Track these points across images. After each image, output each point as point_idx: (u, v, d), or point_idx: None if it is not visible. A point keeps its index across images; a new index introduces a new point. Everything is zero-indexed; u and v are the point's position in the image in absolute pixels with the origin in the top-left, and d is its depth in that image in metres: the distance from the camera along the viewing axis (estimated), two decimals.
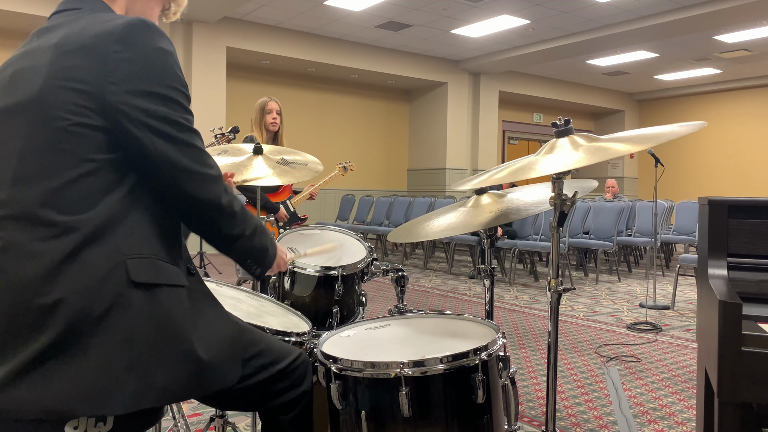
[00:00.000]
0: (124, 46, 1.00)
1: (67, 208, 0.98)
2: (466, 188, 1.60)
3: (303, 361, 1.31)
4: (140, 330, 0.99)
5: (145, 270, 1.01)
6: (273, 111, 3.57)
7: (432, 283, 6.58)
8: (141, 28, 1.03)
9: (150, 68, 1.02)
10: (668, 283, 6.74)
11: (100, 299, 0.96)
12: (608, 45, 9.54)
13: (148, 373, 0.98)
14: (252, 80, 10.21)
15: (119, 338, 0.97)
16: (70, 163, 0.99)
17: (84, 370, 0.94)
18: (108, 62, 0.99)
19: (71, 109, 0.99)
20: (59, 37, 1.04)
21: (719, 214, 1.52)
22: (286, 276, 1.91)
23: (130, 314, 0.98)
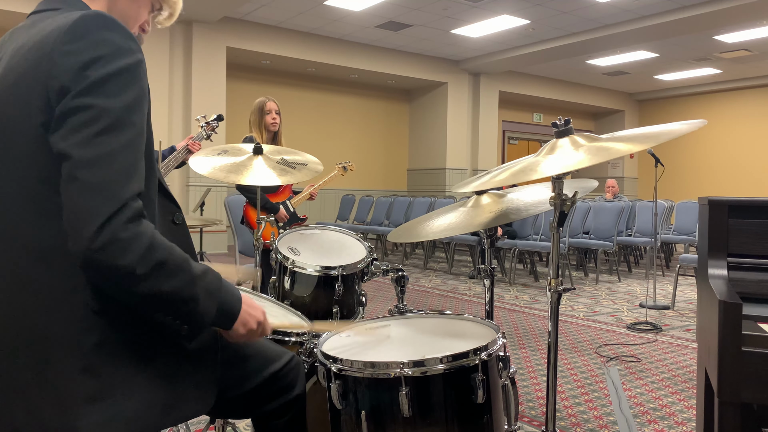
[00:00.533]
0: (70, 38, 0.92)
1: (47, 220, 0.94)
2: (466, 190, 1.60)
3: (295, 365, 1.29)
4: (106, 358, 0.95)
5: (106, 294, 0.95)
6: (272, 111, 3.56)
7: (432, 283, 6.58)
8: (91, 20, 0.94)
9: (91, 59, 0.91)
10: (668, 283, 6.74)
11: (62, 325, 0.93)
12: (608, 45, 9.54)
13: (114, 404, 0.94)
14: (252, 80, 10.22)
15: (80, 367, 0.93)
16: (35, 173, 0.93)
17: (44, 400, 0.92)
18: (54, 56, 0.92)
19: (30, 109, 0.93)
20: (26, 37, 0.99)
21: (719, 214, 1.52)
22: (286, 276, 1.91)
23: (94, 341, 0.94)
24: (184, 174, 8.48)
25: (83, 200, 0.86)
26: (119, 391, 0.95)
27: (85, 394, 0.92)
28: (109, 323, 0.96)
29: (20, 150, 0.95)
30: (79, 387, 0.92)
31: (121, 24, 0.97)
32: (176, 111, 8.57)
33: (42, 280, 0.94)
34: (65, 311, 0.94)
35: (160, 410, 0.99)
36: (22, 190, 0.95)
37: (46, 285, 0.94)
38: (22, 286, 0.94)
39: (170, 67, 8.48)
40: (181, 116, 8.61)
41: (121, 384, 0.95)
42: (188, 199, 8.51)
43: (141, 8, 1.16)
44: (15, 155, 0.95)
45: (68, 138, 0.89)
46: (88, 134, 0.89)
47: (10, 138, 0.95)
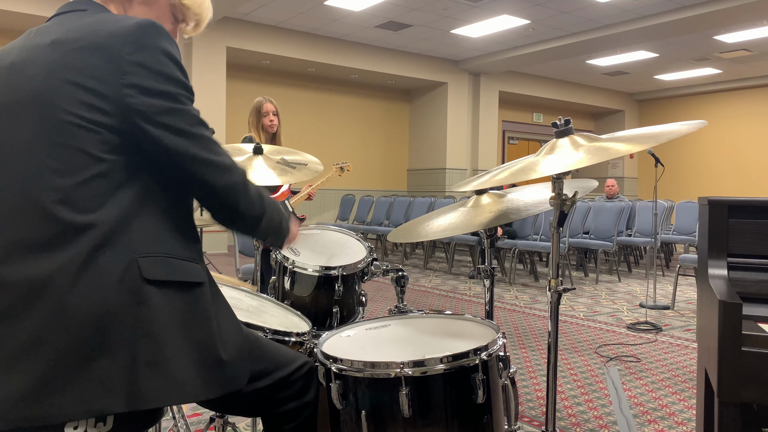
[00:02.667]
0: (136, 48, 1.01)
1: (82, 207, 0.98)
2: (466, 189, 1.60)
3: (307, 371, 1.30)
4: (158, 326, 0.99)
5: (157, 267, 1.02)
6: (269, 113, 3.54)
7: (432, 283, 6.58)
8: (151, 29, 1.04)
9: (161, 70, 1.03)
10: (668, 283, 6.74)
11: (115, 298, 0.97)
12: (608, 45, 9.54)
13: (169, 369, 0.99)
14: (252, 80, 10.22)
15: (137, 334, 0.97)
16: (83, 162, 0.99)
17: (107, 369, 0.95)
18: (121, 64, 1.00)
19: (81, 106, 0.99)
20: (60, 33, 1.03)
21: (719, 214, 1.52)
22: (286, 276, 1.91)
23: (146, 310, 0.99)
24: None
25: (228, 177, 1.11)
26: (173, 357, 1.00)
27: (146, 359, 0.97)
28: (162, 294, 1.01)
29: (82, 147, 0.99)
30: (140, 352, 0.97)
31: (167, 31, 1.07)
32: None
33: (100, 258, 0.98)
34: (125, 282, 0.98)
35: (206, 378, 1.04)
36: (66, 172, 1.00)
37: (104, 261, 0.98)
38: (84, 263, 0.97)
39: None
40: None
41: (174, 352, 1.00)
42: None
43: (160, 19, 1.21)
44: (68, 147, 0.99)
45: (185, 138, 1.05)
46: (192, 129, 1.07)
47: (44, 123, 1.00)
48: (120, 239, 1.00)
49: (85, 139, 0.99)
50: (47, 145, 0.99)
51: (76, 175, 0.99)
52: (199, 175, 1.07)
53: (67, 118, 0.99)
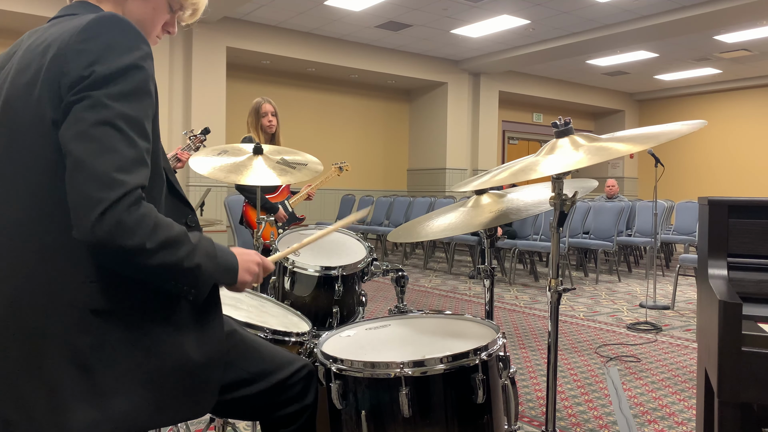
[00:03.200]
0: (84, 37, 0.96)
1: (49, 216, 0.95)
2: (466, 189, 1.60)
3: (307, 374, 1.28)
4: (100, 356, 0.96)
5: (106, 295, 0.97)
6: (268, 113, 3.54)
7: (432, 283, 6.58)
8: (107, 21, 0.98)
9: (99, 55, 0.95)
10: (668, 283, 6.74)
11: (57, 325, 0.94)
12: (608, 45, 9.54)
13: (105, 401, 0.95)
14: (252, 80, 10.21)
15: (74, 363, 0.94)
16: (39, 166, 0.96)
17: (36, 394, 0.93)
18: (67, 53, 0.95)
19: (44, 106, 0.96)
20: (44, 38, 1.02)
21: (719, 214, 1.52)
22: (286, 276, 1.91)
23: (89, 339, 0.95)
24: (184, 174, 8.48)
25: (87, 188, 0.89)
26: (110, 390, 0.96)
27: (77, 392, 0.93)
28: (106, 323, 0.97)
29: (30, 146, 0.97)
30: (71, 384, 0.93)
31: (133, 25, 1.00)
32: (176, 111, 8.57)
33: (42, 277, 0.95)
34: (63, 309, 0.95)
35: (151, 411, 0.99)
36: (28, 186, 0.97)
37: (45, 281, 0.95)
38: (22, 281, 0.95)
39: (170, 67, 8.48)
40: (181, 117, 8.61)
41: (113, 383, 0.96)
42: (188, 199, 8.51)
43: (156, 10, 1.16)
44: (25, 151, 0.97)
45: (71, 128, 0.92)
46: (90, 125, 0.92)
47: (22, 134, 0.97)
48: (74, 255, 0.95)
49: (52, 137, 0.96)
50: (10, 151, 0.98)
51: (35, 184, 0.96)
52: (70, 180, 0.91)
53: (26, 119, 0.97)
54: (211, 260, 1.04)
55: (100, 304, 0.96)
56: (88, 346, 0.95)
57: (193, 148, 3.07)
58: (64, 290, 0.95)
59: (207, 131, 3.15)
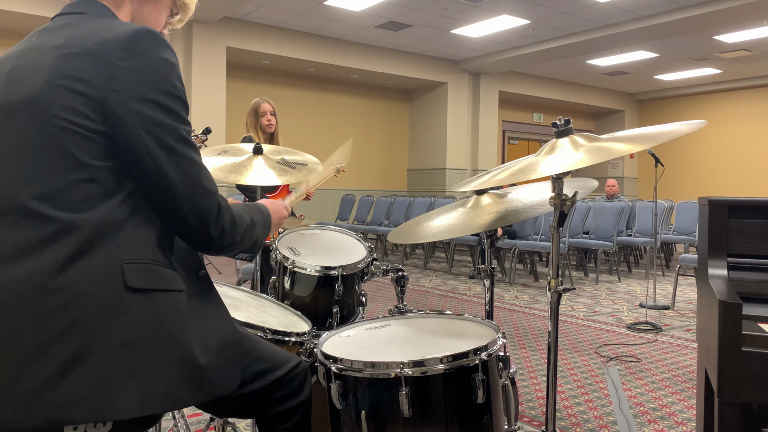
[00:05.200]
0: (128, 54, 1.00)
1: (66, 207, 0.97)
2: (466, 189, 1.60)
3: (302, 370, 1.30)
4: (138, 335, 0.98)
5: (141, 275, 1.01)
6: (267, 113, 3.55)
7: (432, 283, 6.58)
8: (146, 37, 1.03)
9: (151, 77, 1.02)
10: (668, 283, 6.74)
11: (97, 304, 0.96)
12: (608, 45, 9.54)
13: (149, 378, 0.98)
14: (252, 80, 10.22)
15: (118, 343, 0.96)
16: (69, 166, 0.98)
17: (83, 376, 0.93)
18: (111, 69, 0.99)
19: (71, 111, 0.98)
20: (63, 38, 1.03)
21: (719, 214, 1.52)
22: (286, 276, 1.91)
23: (127, 319, 0.97)
24: None
25: (202, 201, 1.07)
26: (153, 367, 0.98)
27: (123, 370, 0.96)
28: (143, 302, 1.00)
29: (67, 152, 0.99)
30: (120, 363, 0.96)
31: (165, 40, 1.08)
32: None
33: (84, 261, 0.97)
34: (105, 290, 0.97)
35: (190, 386, 1.03)
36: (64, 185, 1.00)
37: (86, 264, 0.97)
38: (65, 265, 0.96)
39: None
40: None
41: (155, 361, 0.99)
42: None
43: (161, 14, 1.25)
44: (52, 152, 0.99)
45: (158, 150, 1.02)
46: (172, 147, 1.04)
47: (58, 139, 0.99)
48: (104, 244, 0.98)
49: (73, 144, 0.98)
50: (34, 149, 0.99)
51: (62, 178, 0.98)
52: (171, 195, 1.05)
53: (56, 122, 0.98)
54: (264, 230, 1.27)
55: (136, 283, 1.00)
56: (130, 324, 0.98)
57: None
58: (106, 272, 0.98)
59: (208, 131, 3.15)
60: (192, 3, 1.30)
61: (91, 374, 0.94)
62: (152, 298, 1.01)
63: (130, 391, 0.96)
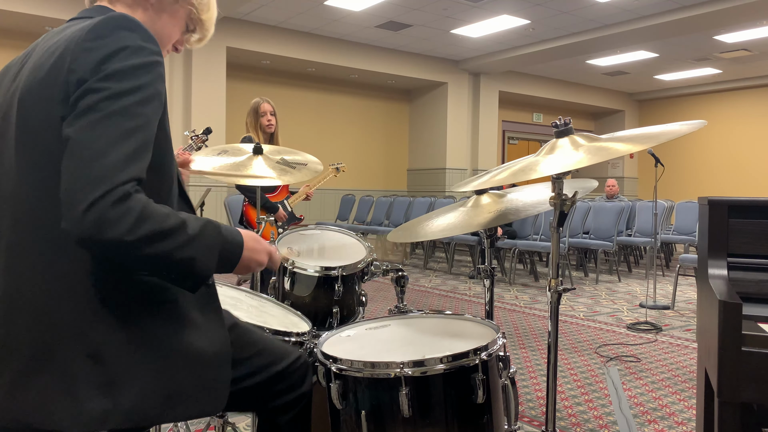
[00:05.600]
0: (92, 36, 0.97)
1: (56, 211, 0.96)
2: (466, 189, 1.60)
3: (303, 363, 1.30)
4: (113, 346, 0.96)
5: (121, 284, 0.99)
6: (267, 113, 3.55)
7: (432, 283, 6.58)
8: (115, 20, 0.99)
9: (107, 54, 0.95)
10: (668, 283, 6.74)
11: (71, 314, 0.95)
12: (608, 45, 9.54)
13: (116, 392, 0.96)
14: (252, 80, 10.21)
15: (86, 353, 0.95)
16: (51, 161, 0.97)
17: (51, 385, 0.93)
18: (75, 50, 0.96)
19: (54, 103, 0.97)
20: (56, 39, 1.04)
21: (719, 214, 1.52)
22: (286, 276, 1.91)
23: (103, 329, 0.96)
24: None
25: (76, 182, 0.89)
26: (122, 381, 0.96)
27: (89, 381, 0.94)
28: (118, 313, 0.98)
29: (43, 142, 0.98)
30: (84, 373, 0.94)
31: (143, 26, 1.01)
32: (176, 111, 8.58)
33: (54, 267, 0.96)
34: (75, 299, 0.96)
35: (161, 403, 1.00)
36: (41, 180, 0.98)
37: (58, 272, 0.96)
38: (36, 272, 0.96)
39: (170, 67, 8.48)
40: (181, 117, 8.61)
41: (125, 375, 0.97)
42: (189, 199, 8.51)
43: (176, 27, 1.21)
44: (38, 147, 0.98)
45: (74, 122, 0.92)
46: (92, 119, 0.92)
47: (34, 132, 0.99)
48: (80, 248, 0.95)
49: (51, 137, 0.97)
50: (23, 147, 0.99)
51: (46, 178, 0.96)
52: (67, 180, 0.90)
53: (37, 117, 0.98)
54: (211, 253, 1.01)
55: (110, 295, 0.98)
56: (101, 333, 0.96)
57: (194, 148, 3.07)
58: (75, 281, 0.96)
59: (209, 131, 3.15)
60: (209, 22, 1.25)
61: (57, 384, 0.93)
62: (132, 308, 0.99)
63: (94, 404, 0.94)
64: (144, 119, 0.96)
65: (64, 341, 0.94)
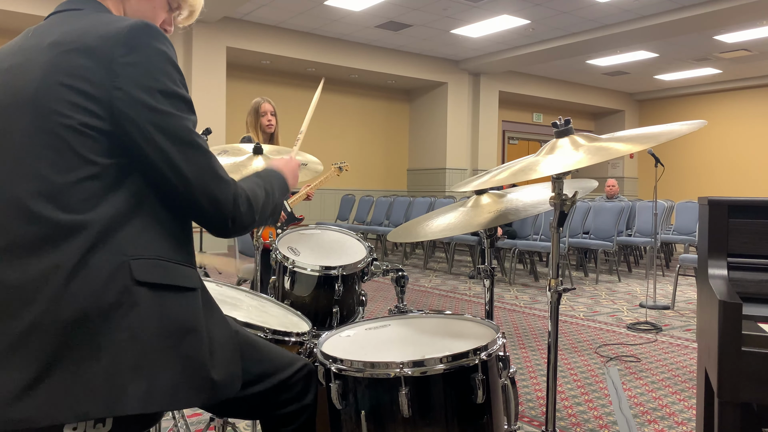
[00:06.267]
0: (129, 50, 1.00)
1: (72, 208, 0.97)
2: (466, 189, 1.60)
3: (307, 373, 1.29)
4: (147, 329, 0.98)
5: (149, 270, 1.00)
6: (267, 113, 3.54)
7: (432, 283, 6.58)
8: (144, 31, 1.02)
9: (153, 71, 1.01)
10: (668, 283, 6.74)
11: (104, 299, 0.96)
12: (608, 45, 9.54)
13: (154, 374, 0.97)
14: (252, 80, 10.22)
15: (125, 337, 0.96)
16: (73, 164, 0.98)
17: (94, 371, 0.93)
18: (113, 66, 0.99)
19: (73, 109, 0.98)
20: (58, 35, 1.03)
21: (719, 214, 1.52)
22: (286, 276, 1.91)
23: (136, 313, 0.97)
24: None
25: (217, 191, 1.07)
26: (159, 363, 0.98)
27: (131, 363, 0.96)
28: (151, 297, 1.00)
29: (70, 149, 0.98)
30: (125, 356, 0.95)
31: (163, 33, 1.06)
32: None
33: (91, 257, 0.97)
34: (115, 284, 0.97)
35: (191, 387, 1.02)
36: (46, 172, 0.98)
37: (96, 260, 0.97)
38: (78, 265, 0.96)
39: None
40: None
41: (160, 358, 0.98)
42: None
43: (156, 8, 1.20)
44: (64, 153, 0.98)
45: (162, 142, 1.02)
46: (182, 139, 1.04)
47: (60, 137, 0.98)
48: (112, 241, 0.98)
49: (77, 141, 0.98)
50: (38, 148, 0.98)
51: (66, 176, 0.97)
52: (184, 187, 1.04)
53: (59, 120, 0.98)
54: (280, 192, 1.29)
55: (145, 277, 1.00)
56: (137, 317, 0.97)
57: None
58: (113, 267, 0.98)
59: (208, 131, 3.15)
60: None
61: (101, 369, 0.94)
62: (162, 293, 1.01)
63: (135, 387, 0.95)
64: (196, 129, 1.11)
65: (105, 325, 0.95)
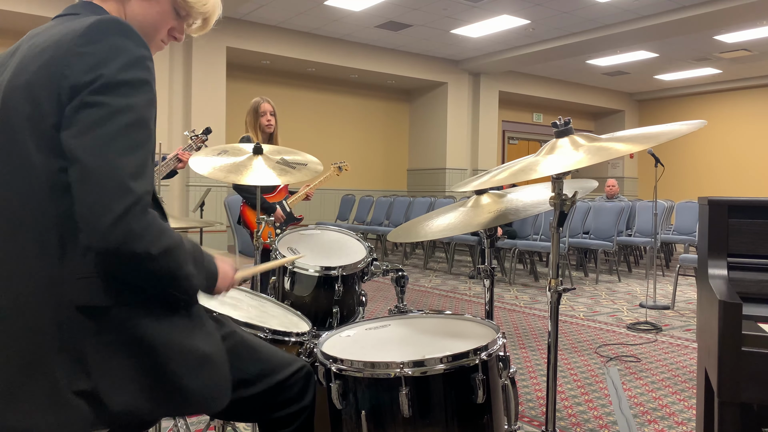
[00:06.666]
0: (85, 41, 0.96)
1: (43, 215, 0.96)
2: (466, 189, 1.60)
3: (305, 375, 1.28)
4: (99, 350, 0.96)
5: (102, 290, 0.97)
6: (267, 113, 3.53)
7: (432, 283, 6.58)
8: (108, 26, 0.98)
9: (101, 61, 0.94)
10: (668, 283, 6.74)
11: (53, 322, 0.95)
12: (608, 45, 9.54)
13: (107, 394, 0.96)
14: (252, 80, 10.21)
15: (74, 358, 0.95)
16: (36, 167, 0.96)
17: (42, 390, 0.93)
18: (68, 56, 0.95)
19: (38, 108, 0.95)
20: (44, 38, 1.02)
21: (719, 214, 1.52)
22: (286, 276, 1.91)
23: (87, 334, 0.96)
24: (184, 174, 8.48)
25: (99, 196, 0.90)
26: (108, 386, 0.96)
27: (75, 388, 0.94)
28: (100, 320, 0.97)
29: (25, 147, 0.96)
30: (69, 381, 0.94)
31: (135, 30, 1.00)
32: (176, 112, 8.57)
33: (37, 275, 0.95)
34: (57, 306, 0.95)
35: (153, 406, 1.00)
36: (22, 185, 0.97)
37: (40, 279, 0.95)
38: (19, 279, 0.95)
39: (170, 67, 8.48)
40: (181, 117, 8.61)
41: (111, 379, 0.96)
42: (188, 199, 8.51)
43: (161, 14, 1.15)
44: (20, 151, 0.97)
45: (81, 137, 0.92)
46: (101, 133, 0.92)
47: (18, 134, 0.97)
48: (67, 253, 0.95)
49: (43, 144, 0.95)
50: (8, 150, 0.98)
51: (27, 186, 0.96)
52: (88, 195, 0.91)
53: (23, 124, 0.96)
54: (200, 269, 1.06)
55: (92, 301, 0.97)
56: (85, 341, 0.96)
57: (194, 147, 3.07)
58: (57, 287, 0.95)
59: (208, 131, 3.16)
60: (203, 5, 1.17)
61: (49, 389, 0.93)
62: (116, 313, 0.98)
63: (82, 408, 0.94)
64: (147, 131, 0.98)
65: (48, 348, 0.94)
